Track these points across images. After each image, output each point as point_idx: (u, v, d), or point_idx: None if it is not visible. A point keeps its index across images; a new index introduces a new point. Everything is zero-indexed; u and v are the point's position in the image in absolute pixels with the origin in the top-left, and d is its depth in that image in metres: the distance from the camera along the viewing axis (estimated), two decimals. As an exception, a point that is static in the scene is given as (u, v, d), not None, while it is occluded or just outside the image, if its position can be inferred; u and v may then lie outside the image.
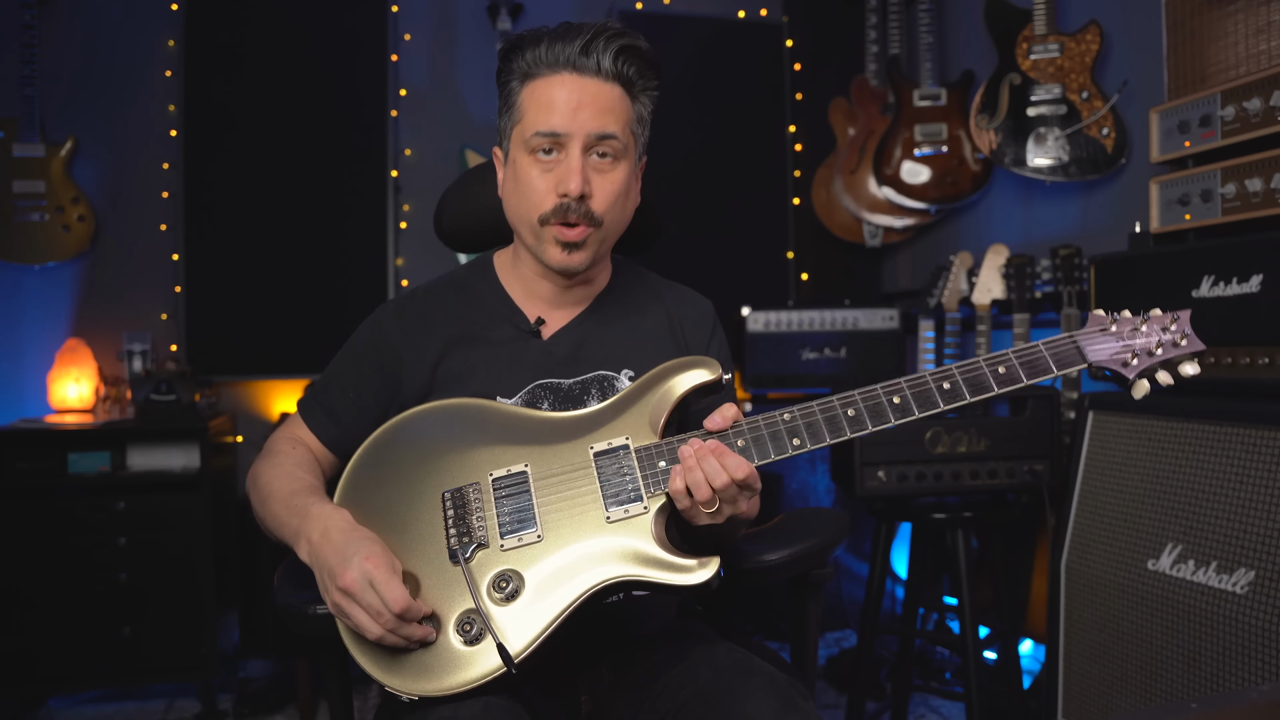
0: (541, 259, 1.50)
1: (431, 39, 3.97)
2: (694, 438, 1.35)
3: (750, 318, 3.64)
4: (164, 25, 3.65)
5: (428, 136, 3.94)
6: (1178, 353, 1.38)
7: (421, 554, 1.32)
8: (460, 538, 1.32)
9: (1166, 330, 1.39)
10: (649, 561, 1.28)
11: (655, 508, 1.32)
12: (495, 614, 1.27)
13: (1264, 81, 2.08)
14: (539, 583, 1.28)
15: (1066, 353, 1.38)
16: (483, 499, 1.35)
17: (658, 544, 1.29)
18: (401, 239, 3.86)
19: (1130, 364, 1.38)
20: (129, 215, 3.64)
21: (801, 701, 1.26)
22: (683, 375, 1.42)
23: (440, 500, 1.36)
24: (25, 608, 2.94)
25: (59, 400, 3.38)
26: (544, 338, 1.57)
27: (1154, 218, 2.37)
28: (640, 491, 1.33)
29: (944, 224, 3.94)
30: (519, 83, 1.47)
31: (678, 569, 1.27)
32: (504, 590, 1.28)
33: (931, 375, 1.36)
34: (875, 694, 3.05)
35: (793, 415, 1.36)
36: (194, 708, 3.15)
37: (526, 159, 1.46)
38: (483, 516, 1.33)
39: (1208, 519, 1.95)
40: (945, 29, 3.85)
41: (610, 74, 1.44)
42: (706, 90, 4.10)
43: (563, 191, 1.42)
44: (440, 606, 1.28)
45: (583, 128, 1.42)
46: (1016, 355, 1.36)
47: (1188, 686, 1.94)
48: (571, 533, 1.31)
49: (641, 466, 1.35)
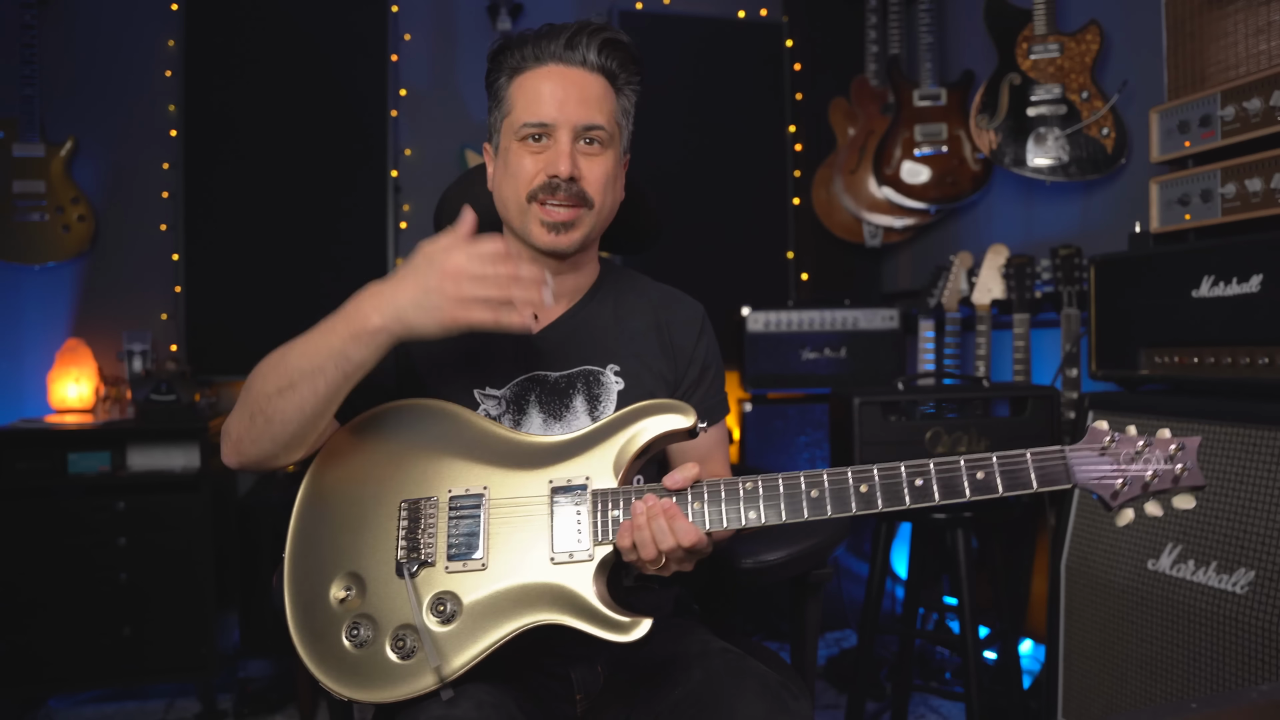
0: (529, 240, 1.51)
1: (431, 39, 3.98)
2: (650, 493, 1.33)
3: (750, 318, 3.64)
4: (164, 25, 3.65)
5: (427, 136, 3.94)
6: (1175, 485, 1.30)
7: (372, 558, 1.34)
8: (409, 552, 1.33)
9: (1169, 459, 1.30)
10: (583, 612, 1.28)
11: (600, 557, 1.31)
12: (433, 633, 1.29)
13: (1264, 81, 2.08)
14: (476, 611, 1.30)
15: (1053, 469, 1.31)
16: (437, 515, 1.36)
17: (595, 595, 1.29)
18: (401, 239, 3.85)
19: (1120, 492, 1.30)
20: (129, 215, 3.64)
21: (792, 703, 1.27)
22: (656, 419, 1.40)
23: (397, 508, 1.37)
24: (25, 608, 2.94)
25: (59, 400, 3.38)
26: (534, 332, 1.57)
27: (1154, 218, 2.37)
28: (587, 538, 1.32)
29: (944, 224, 3.94)
30: (507, 78, 1.52)
31: (609, 625, 1.27)
32: (441, 613, 1.30)
33: (906, 467, 1.31)
34: (875, 694, 3.05)
35: (754, 485, 1.33)
36: (194, 707, 3.15)
37: (517, 146, 1.49)
38: (433, 534, 1.34)
39: (1208, 519, 1.95)
40: (945, 29, 3.85)
41: (595, 66, 1.50)
42: (706, 90, 4.10)
43: (552, 173, 1.45)
44: (380, 614, 1.31)
45: (570, 118, 1.46)
46: (1000, 462, 1.31)
47: (1188, 686, 1.94)
48: (515, 566, 1.32)
49: (594, 512, 1.34)
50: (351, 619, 1.31)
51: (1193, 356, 2.11)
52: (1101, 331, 2.36)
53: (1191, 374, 2.12)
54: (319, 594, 1.34)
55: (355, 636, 1.30)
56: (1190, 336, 2.11)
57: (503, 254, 1.28)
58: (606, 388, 1.57)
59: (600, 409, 1.55)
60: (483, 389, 1.53)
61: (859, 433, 2.43)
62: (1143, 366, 2.25)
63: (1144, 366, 2.25)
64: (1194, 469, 1.29)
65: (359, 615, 1.31)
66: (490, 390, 1.53)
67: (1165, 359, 2.19)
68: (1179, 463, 1.29)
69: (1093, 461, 1.31)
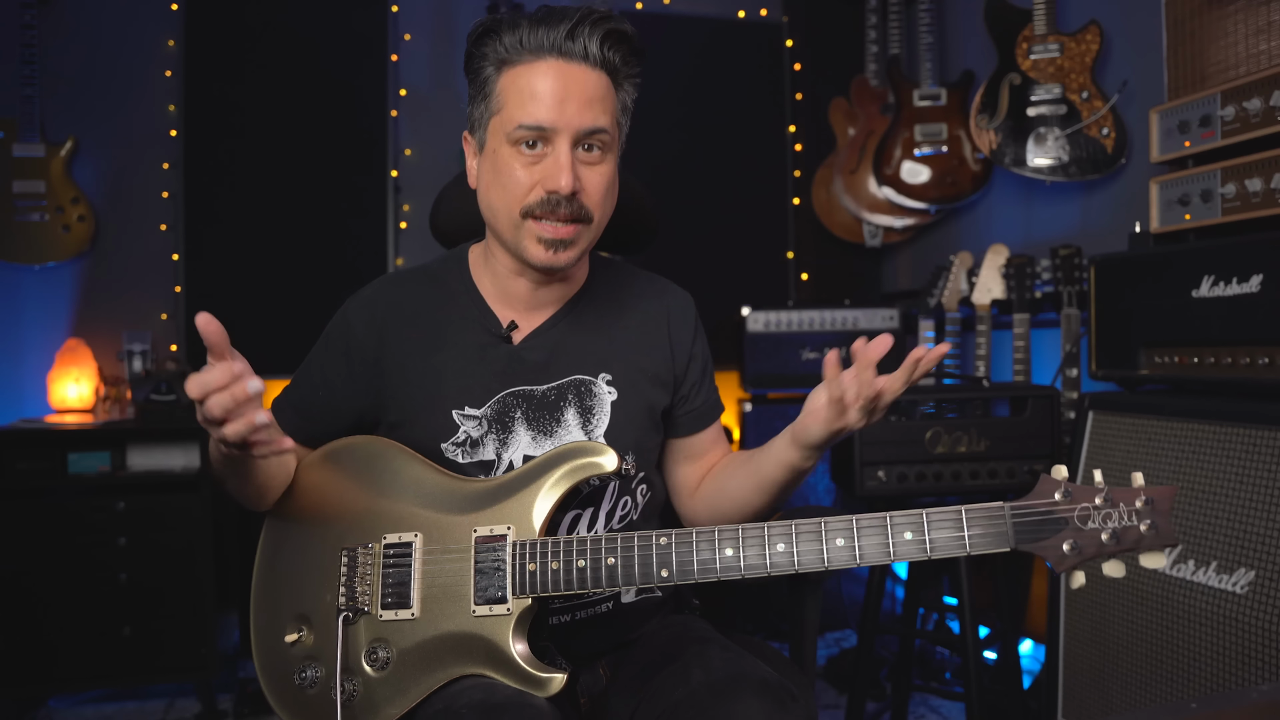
0: (521, 255, 1.41)
1: (431, 39, 3.98)
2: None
3: (750, 318, 3.64)
4: (164, 25, 3.65)
5: (428, 136, 3.94)
6: (1138, 546, 1.14)
7: (318, 601, 1.38)
8: (349, 599, 1.35)
9: (1135, 514, 1.15)
10: (502, 664, 1.29)
11: (519, 611, 1.31)
12: (369, 679, 1.32)
13: (1264, 81, 2.08)
14: (407, 661, 1.32)
15: (992, 531, 1.19)
16: (372, 564, 1.37)
17: (513, 649, 1.29)
18: (401, 239, 3.86)
19: (1066, 557, 1.15)
20: (129, 215, 3.64)
21: (792, 703, 1.25)
22: (575, 463, 1.36)
23: (340, 554, 1.39)
24: (25, 608, 2.93)
25: (59, 400, 3.38)
26: (515, 342, 1.50)
27: (1154, 218, 2.37)
28: (507, 593, 1.31)
29: (944, 224, 3.94)
30: (495, 69, 1.37)
31: (526, 679, 1.28)
32: (375, 661, 1.33)
33: (826, 524, 1.25)
34: (875, 694, 3.06)
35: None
36: (194, 708, 3.15)
37: (508, 150, 1.36)
38: (369, 582, 1.36)
39: (1208, 519, 1.95)
40: (945, 29, 3.85)
41: (597, 60, 1.36)
42: (706, 90, 4.10)
43: (551, 188, 1.34)
44: (327, 656, 1.34)
45: (570, 122, 1.34)
46: (931, 520, 1.21)
47: (1188, 686, 1.94)
48: (442, 616, 1.33)
49: (514, 564, 1.31)
50: (301, 661, 1.36)
51: (1193, 356, 2.11)
52: (1101, 331, 2.36)
53: (1191, 374, 2.12)
54: (277, 635, 1.39)
55: (304, 679, 1.35)
56: (1190, 336, 2.11)
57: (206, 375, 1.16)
58: (599, 399, 1.51)
59: (594, 422, 1.51)
60: (461, 409, 1.46)
61: (859, 432, 2.43)
62: (1143, 366, 2.25)
63: (1144, 366, 2.25)
64: (1165, 527, 1.14)
65: (308, 657, 1.36)
66: (470, 410, 1.46)
67: (1165, 359, 2.19)
68: (1145, 520, 1.14)
69: (1036, 519, 1.17)
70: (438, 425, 1.46)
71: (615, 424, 1.52)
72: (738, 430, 3.69)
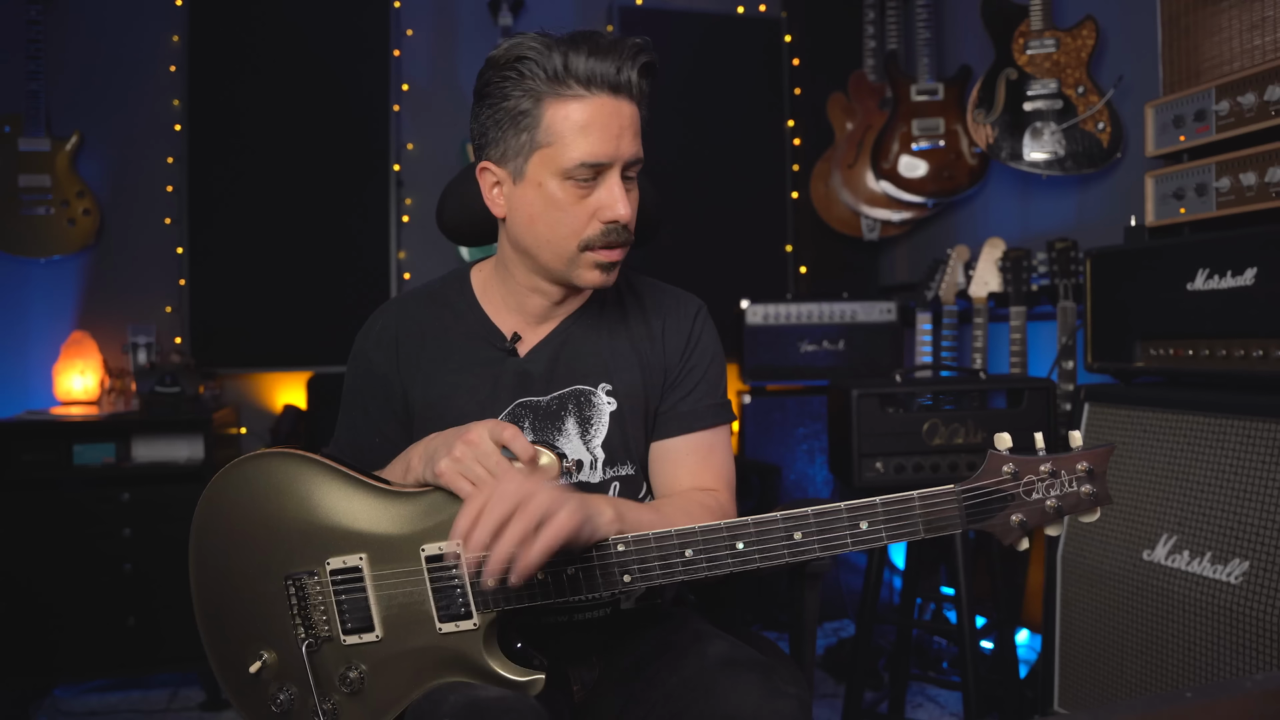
0: (573, 282, 1.45)
1: (433, 34, 3.99)
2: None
3: (749, 310, 3.67)
4: (168, 21, 3.67)
5: (429, 131, 3.96)
6: (1077, 507, 1.21)
7: (274, 631, 1.34)
8: (307, 630, 1.33)
9: (1076, 480, 1.21)
10: (480, 673, 1.29)
11: (485, 624, 1.29)
12: (345, 700, 1.32)
13: (1258, 76, 2.09)
14: (381, 679, 1.31)
15: (944, 515, 1.22)
16: (323, 591, 1.33)
17: (488, 661, 1.28)
18: (403, 232, 3.88)
19: (1013, 529, 1.22)
20: (134, 209, 3.66)
21: (785, 688, 1.26)
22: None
23: (284, 583, 1.34)
24: (31, 598, 2.96)
25: (64, 392, 3.40)
26: (520, 355, 1.53)
27: (1149, 211, 2.39)
28: (470, 608, 1.28)
29: (941, 218, 3.96)
30: (533, 101, 1.35)
31: (506, 684, 1.28)
32: (349, 685, 1.31)
33: (783, 519, 1.24)
34: (873, 683, 3.08)
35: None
36: (198, 696, 3.17)
37: (564, 185, 1.37)
38: (326, 610, 1.33)
39: (1202, 510, 1.97)
40: (942, 24, 3.87)
41: (636, 91, 1.38)
42: (705, 85, 4.12)
43: (610, 219, 1.38)
44: (297, 677, 1.33)
45: (623, 155, 1.37)
46: (885, 508, 1.22)
47: (1183, 676, 1.96)
48: (408, 634, 1.31)
49: (472, 577, 1.28)
50: (272, 685, 1.34)
51: (1188, 349, 2.13)
52: (1097, 324, 2.38)
53: (1186, 366, 2.14)
54: (240, 667, 1.35)
55: (279, 704, 1.33)
56: (1185, 329, 2.13)
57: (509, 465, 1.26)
58: (598, 409, 1.52)
59: (592, 431, 1.52)
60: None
61: (857, 424, 2.46)
62: (1138, 359, 2.26)
63: (1139, 359, 2.26)
64: (1102, 489, 1.20)
65: (277, 678, 1.34)
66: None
67: (1160, 351, 2.21)
68: (1085, 484, 1.20)
69: (986, 499, 1.22)
70: None
71: (613, 433, 1.53)
72: (737, 423, 3.71)
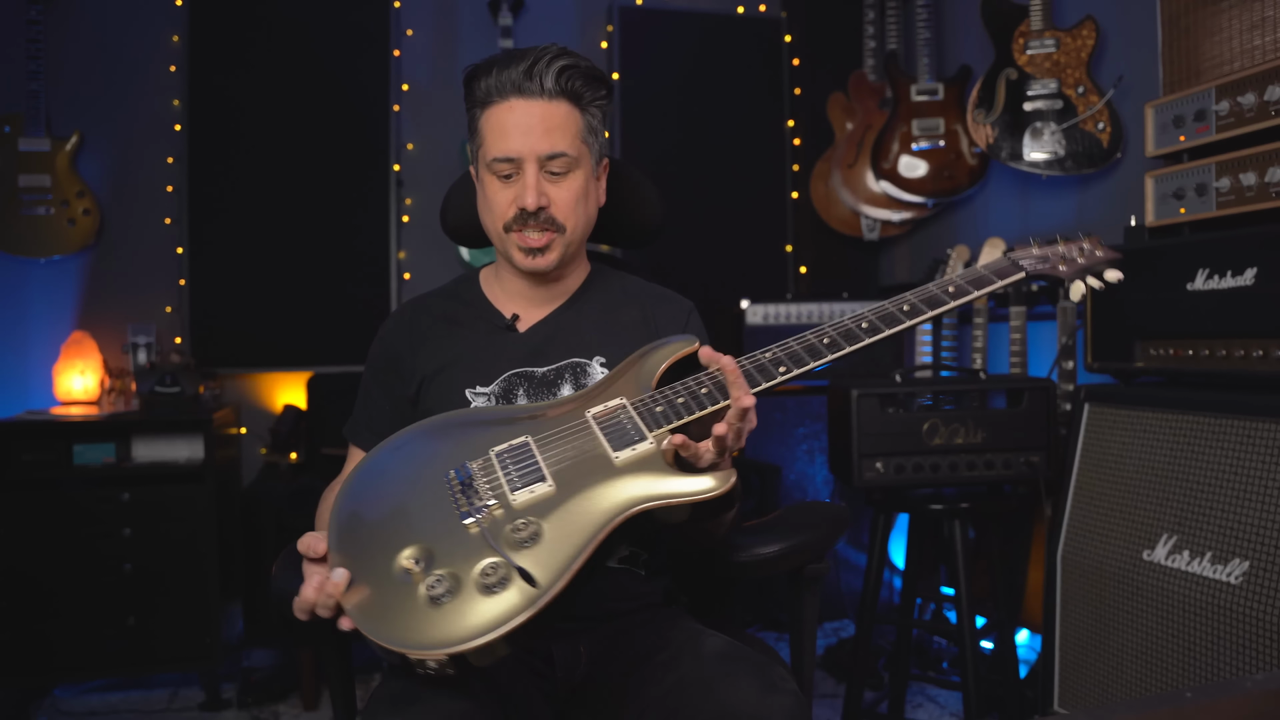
0: (511, 262, 1.62)
1: (433, 34, 3.99)
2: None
3: (749, 310, 3.67)
4: (168, 20, 3.67)
5: (429, 131, 3.96)
6: (1098, 260, 1.61)
7: (431, 529, 1.27)
8: (470, 500, 1.29)
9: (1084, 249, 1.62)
10: (667, 484, 1.27)
11: (664, 441, 1.32)
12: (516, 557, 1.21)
13: (1258, 76, 2.10)
14: (558, 526, 1.24)
15: (1004, 266, 1.57)
16: (490, 466, 1.35)
17: (670, 470, 1.29)
18: (403, 232, 3.88)
19: (1060, 270, 1.59)
20: (134, 209, 3.66)
21: (782, 684, 1.27)
22: (665, 349, 1.50)
23: (444, 480, 1.34)
24: (31, 598, 2.96)
25: (64, 392, 3.40)
26: (520, 331, 1.67)
27: (1149, 211, 2.39)
28: (644, 432, 1.35)
29: (941, 218, 3.96)
30: (479, 110, 1.58)
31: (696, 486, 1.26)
32: (521, 535, 1.24)
33: (890, 302, 1.50)
34: (873, 683, 3.08)
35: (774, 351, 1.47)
36: (198, 697, 3.17)
37: (489, 178, 1.58)
38: (493, 480, 1.32)
39: (1202, 510, 1.97)
40: (942, 24, 3.87)
41: (554, 92, 1.54)
42: (705, 85, 4.12)
43: (521, 205, 1.54)
44: (458, 565, 1.22)
45: (533, 150, 1.53)
46: (961, 276, 1.53)
47: (1183, 676, 1.96)
48: (584, 479, 1.30)
49: (640, 415, 1.37)
50: (429, 581, 1.21)
51: (1187, 349, 2.13)
52: (1097, 324, 2.38)
53: (1186, 366, 2.14)
54: (380, 572, 1.24)
55: (435, 591, 1.20)
56: (1185, 329, 2.13)
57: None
58: (593, 377, 1.60)
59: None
60: (473, 388, 1.61)
61: (857, 424, 2.46)
62: (1138, 359, 2.27)
63: (1139, 359, 2.27)
64: (1107, 249, 1.63)
65: (434, 577, 1.22)
66: (479, 388, 1.60)
67: (1160, 351, 2.21)
68: (1093, 248, 1.63)
69: (1031, 256, 1.61)
70: (453, 403, 1.59)
71: None
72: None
